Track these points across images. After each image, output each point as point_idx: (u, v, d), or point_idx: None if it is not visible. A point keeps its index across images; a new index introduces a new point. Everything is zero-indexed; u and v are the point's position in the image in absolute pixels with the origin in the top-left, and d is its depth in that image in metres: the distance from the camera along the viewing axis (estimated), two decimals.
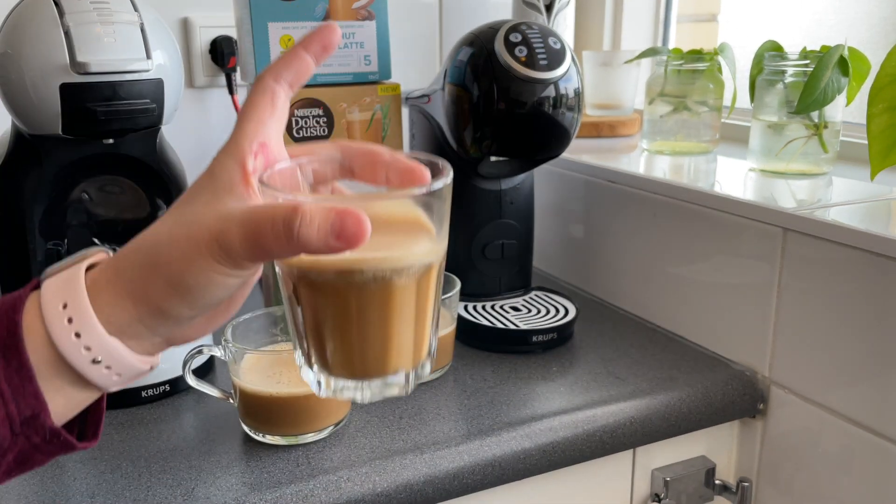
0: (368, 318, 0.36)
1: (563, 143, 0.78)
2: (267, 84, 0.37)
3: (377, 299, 0.36)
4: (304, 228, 0.31)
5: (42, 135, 0.65)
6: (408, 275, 0.36)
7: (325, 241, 0.31)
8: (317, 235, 0.31)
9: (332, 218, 0.31)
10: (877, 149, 0.69)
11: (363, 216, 0.31)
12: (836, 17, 0.99)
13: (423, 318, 0.39)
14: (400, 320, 0.37)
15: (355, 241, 0.31)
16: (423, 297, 0.38)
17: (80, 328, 0.34)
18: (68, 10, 0.62)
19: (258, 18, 0.75)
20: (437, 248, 0.38)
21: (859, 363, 0.66)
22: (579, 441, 0.66)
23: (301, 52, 0.38)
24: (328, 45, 0.38)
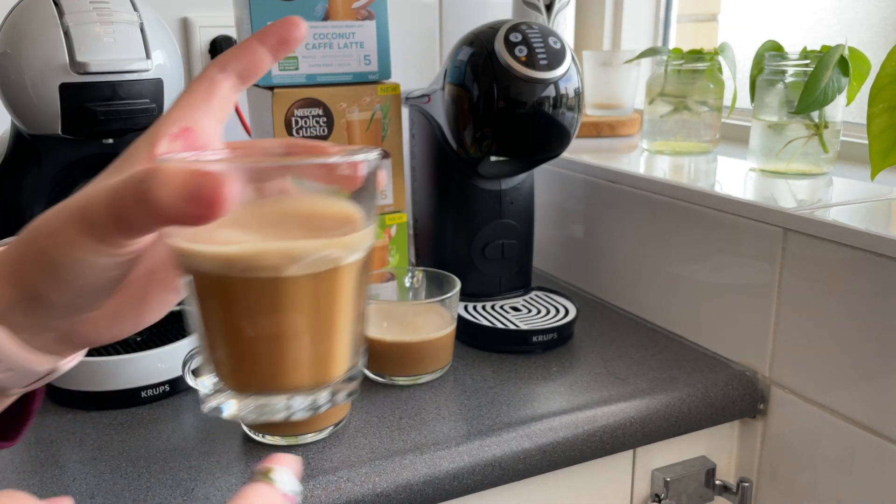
0: (258, 323, 0.31)
1: (563, 143, 0.78)
2: (208, 72, 0.35)
3: (266, 299, 0.31)
4: (157, 189, 0.27)
5: (41, 135, 0.65)
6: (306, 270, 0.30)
7: (177, 206, 0.27)
8: (169, 197, 0.27)
9: (190, 179, 0.26)
10: (877, 149, 0.69)
11: (227, 178, 0.26)
12: (837, 17, 0.99)
13: (331, 329, 0.32)
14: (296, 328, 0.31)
15: (212, 205, 0.26)
16: (332, 302, 0.32)
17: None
18: (68, 10, 0.62)
19: (258, 18, 0.75)
20: (350, 240, 0.31)
21: (860, 363, 0.66)
22: (579, 441, 0.66)
23: (254, 44, 0.35)
24: (287, 38, 0.35)
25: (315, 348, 0.32)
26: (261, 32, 0.35)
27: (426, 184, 0.89)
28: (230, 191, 0.26)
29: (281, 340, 0.32)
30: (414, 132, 0.91)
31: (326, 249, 0.31)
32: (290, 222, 0.31)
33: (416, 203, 0.92)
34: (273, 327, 0.31)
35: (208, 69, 0.35)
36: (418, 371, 0.73)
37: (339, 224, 0.32)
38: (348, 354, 0.34)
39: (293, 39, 0.35)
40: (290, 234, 0.31)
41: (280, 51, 0.35)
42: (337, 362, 0.33)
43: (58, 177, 0.68)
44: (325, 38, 0.78)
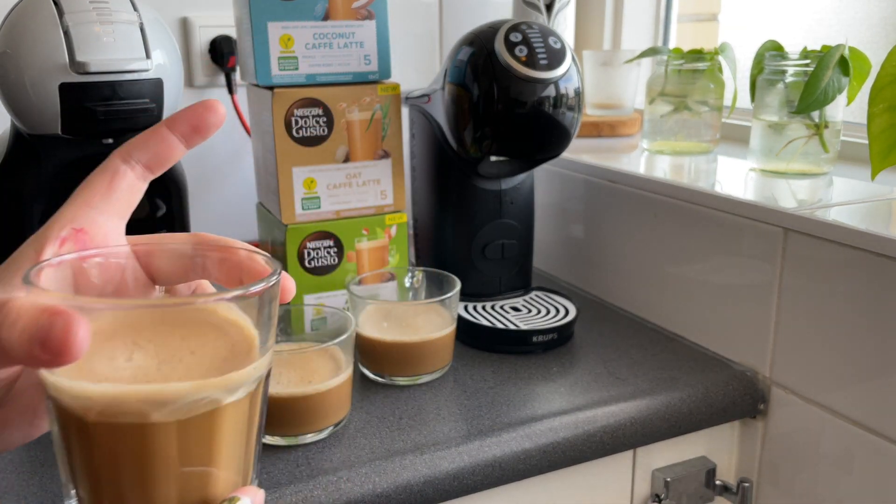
0: (121, 470, 0.27)
1: (564, 143, 0.78)
2: (111, 162, 0.32)
3: (130, 446, 0.27)
4: (5, 329, 0.24)
5: (41, 134, 0.65)
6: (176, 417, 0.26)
7: (27, 349, 0.24)
8: (18, 339, 0.24)
9: (41, 320, 0.24)
10: (877, 149, 0.69)
11: (77, 321, 0.23)
12: (837, 16, 0.99)
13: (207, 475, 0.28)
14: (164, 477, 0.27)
15: (62, 352, 0.23)
16: (209, 447, 0.28)
17: None
18: (67, 10, 0.62)
19: (258, 18, 0.75)
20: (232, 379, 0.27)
21: (860, 363, 0.66)
22: (580, 441, 0.66)
23: (163, 131, 0.32)
24: (200, 126, 0.32)
25: (186, 497, 0.28)
26: (172, 119, 0.32)
27: (426, 184, 0.89)
28: (80, 337, 0.23)
29: (144, 486, 0.28)
30: (414, 132, 0.91)
31: (202, 392, 0.26)
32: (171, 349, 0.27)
33: (416, 203, 0.92)
34: (137, 476, 0.27)
35: (112, 159, 0.32)
36: (418, 371, 0.73)
37: (232, 353, 0.28)
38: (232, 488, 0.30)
39: (207, 126, 0.33)
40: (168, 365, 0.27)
41: (193, 138, 0.33)
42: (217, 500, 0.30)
43: (58, 177, 0.68)
44: (325, 38, 0.78)
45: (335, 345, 0.64)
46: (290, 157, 0.77)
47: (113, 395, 0.26)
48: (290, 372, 0.63)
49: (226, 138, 1.07)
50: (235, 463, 0.29)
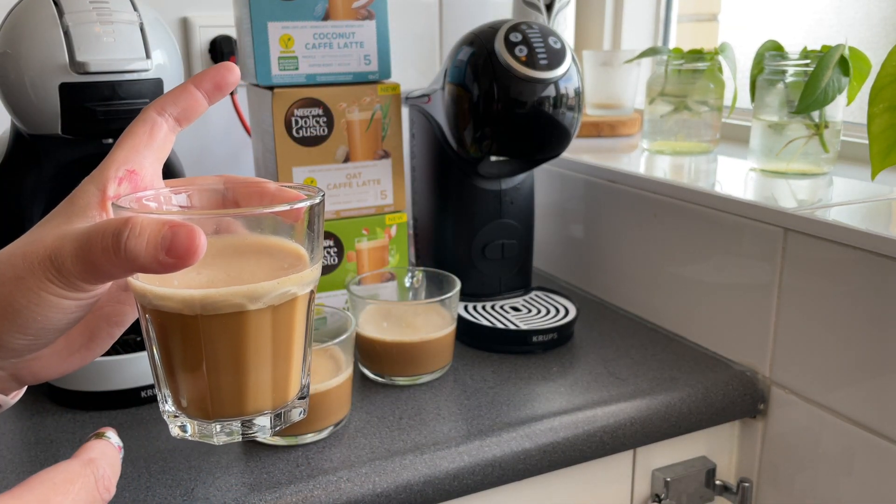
0: (221, 357, 0.33)
1: (563, 143, 0.78)
2: (148, 114, 0.36)
3: (228, 333, 0.33)
4: (132, 241, 0.29)
5: (41, 134, 0.65)
6: (264, 306, 0.33)
7: (153, 256, 0.29)
8: (145, 249, 0.29)
9: (164, 231, 0.29)
10: (877, 149, 0.69)
11: (197, 230, 0.29)
12: (837, 16, 0.99)
13: (286, 356, 0.35)
14: (256, 358, 0.34)
15: (187, 256, 0.28)
16: (285, 333, 0.34)
17: None
18: (67, 10, 0.62)
19: (258, 18, 0.75)
20: (301, 277, 0.34)
21: (860, 363, 0.66)
22: (579, 441, 0.66)
23: (190, 88, 0.37)
24: (221, 83, 0.37)
25: (274, 374, 0.35)
26: (196, 77, 0.37)
27: (426, 184, 0.89)
28: (201, 243, 0.29)
29: (242, 370, 0.34)
30: (414, 132, 0.91)
31: (283, 286, 0.33)
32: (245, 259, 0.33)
33: (416, 203, 0.92)
34: (234, 358, 0.33)
35: (147, 112, 0.37)
36: (418, 371, 0.73)
37: (292, 262, 0.34)
38: (301, 376, 0.37)
39: (226, 84, 0.37)
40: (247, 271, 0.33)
41: (215, 94, 0.37)
42: (293, 384, 0.36)
43: (58, 177, 0.68)
44: (325, 38, 0.78)
45: (335, 345, 0.64)
46: (290, 157, 0.77)
47: (219, 294, 0.32)
48: None
49: (226, 138, 1.07)
50: (302, 353, 0.36)
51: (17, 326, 0.32)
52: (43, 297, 0.31)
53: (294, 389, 0.37)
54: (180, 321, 0.33)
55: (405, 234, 0.85)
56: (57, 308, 0.31)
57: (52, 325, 0.32)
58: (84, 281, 0.31)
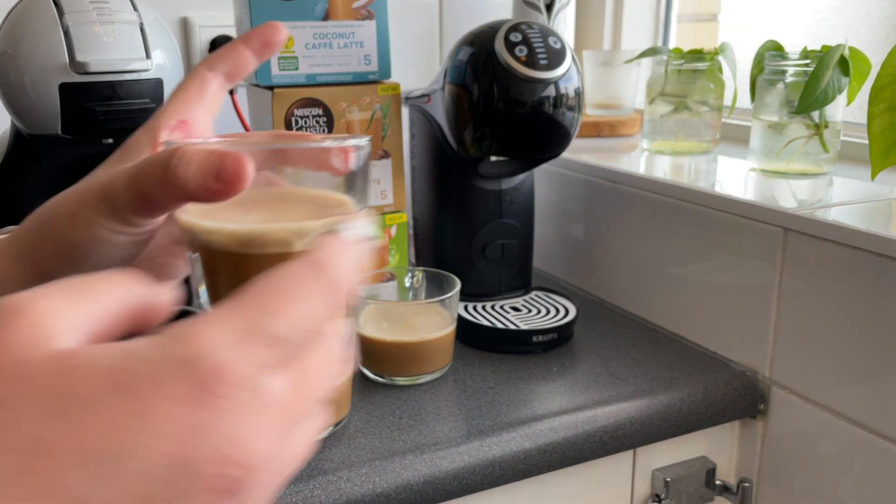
0: None
1: (564, 143, 0.78)
2: (199, 71, 0.37)
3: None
4: (182, 167, 0.29)
5: (41, 134, 0.65)
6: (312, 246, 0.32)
7: (202, 182, 0.29)
8: (193, 175, 0.29)
9: (213, 158, 0.29)
10: (877, 149, 0.69)
11: (245, 157, 0.29)
12: (837, 16, 0.99)
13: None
14: None
15: (234, 182, 0.29)
16: None
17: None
18: (68, 10, 0.62)
19: (258, 18, 0.75)
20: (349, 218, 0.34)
21: (860, 363, 0.66)
22: (579, 441, 0.66)
23: (239, 46, 0.38)
24: (269, 41, 0.38)
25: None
26: (245, 35, 0.38)
27: (426, 184, 0.89)
28: (249, 168, 0.29)
29: None
30: (414, 132, 0.91)
31: (329, 226, 0.33)
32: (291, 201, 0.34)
33: (416, 203, 0.92)
34: None
35: (198, 68, 0.38)
36: (418, 371, 0.73)
37: (337, 204, 0.34)
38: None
39: (275, 42, 0.38)
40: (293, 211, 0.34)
41: (263, 53, 0.38)
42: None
43: (58, 177, 0.68)
44: (325, 38, 0.78)
45: None
46: None
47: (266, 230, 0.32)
48: None
49: None
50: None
51: (72, 263, 0.32)
52: (96, 232, 0.32)
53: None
54: (227, 258, 0.33)
55: (405, 234, 0.85)
56: (109, 244, 0.32)
57: (104, 263, 0.33)
58: (135, 213, 0.31)
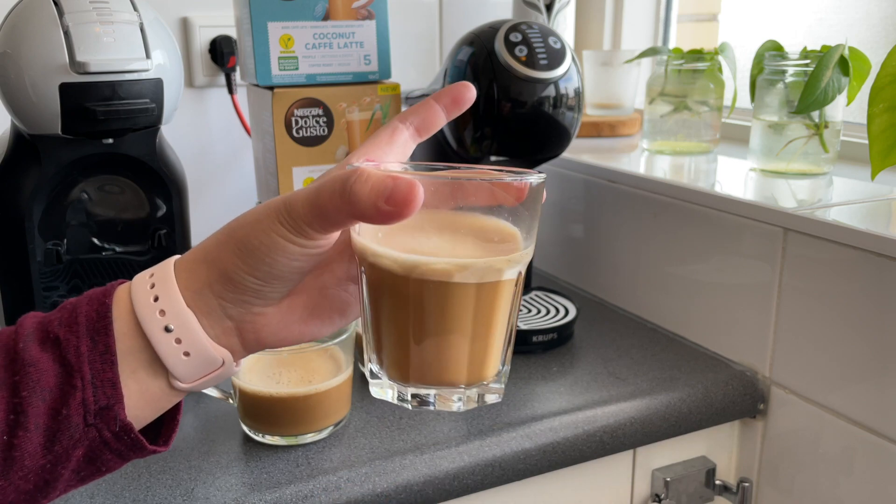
0: (423, 320, 0.35)
1: (564, 143, 0.78)
2: (392, 122, 0.40)
3: (432, 300, 0.35)
4: (359, 184, 0.32)
5: (41, 134, 0.65)
6: (470, 280, 0.34)
7: (374, 202, 0.31)
8: (368, 194, 0.31)
9: (387, 181, 0.31)
10: (877, 149, 0.69)
11: (417, 185, 0.31)
12: (837, 16, 0.99)
13: (485, 334, 0.36)
14: (455, 330, 0.35)
15: (405, 205, 0.31)
16: (487, 310, 0.35)
17: (159, 292, 0.36)
18: (68, 10, 0.62)
19: (258, 18, 0.75)
20: (510, 258, 0.35)
21: (860, 363, 0.66)
22: (579, 441, 0.66)
23: (431, 102, 0.41)
24: (459, 99, 0.40)
25: (471, 350, 0.36)
26: (438, 93, 0.41)
27: None
28: (419, 196, 0.31)
29: (441, 339, 0.35)
30: None
31: (494, 265, 0.35)
32: (460, 233, 0.35)
33: None
34: (435, 326, 0.35)
35: (392, 120, 0.41)
36: None
37: (503, 240, 0.35)
38: (499, 358, 0.38)
39: (465, 100, 0.41)
40: (459, 244, 0.35)
41: (453, 110, 0.41)
42: (489, 364, 0.37)
43: (57, 176, 0.68)
44: (325, 38, 0.78)
45: (335, 345, 0.64)
46: (290, 157, 0.77)
47: (427, 261, 0.34)
48: (291, 372, 0.63)
49: (225, 138, 1.07)
50: (503, 333, 0.37)
51: (249, 266, 0.35)
52: (273, 238, 0.34)
53: (491, 371, 0.37)
54: (391, 279, 0.35)
55: None
56: (283, 251, 0.35)
57: (278, 270, 0.35)
58: (309, 225, 0.34)
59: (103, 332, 0.35)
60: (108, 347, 0.35)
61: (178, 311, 0.35)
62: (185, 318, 0.36)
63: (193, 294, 0.36)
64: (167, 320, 0.35)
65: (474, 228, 0.35)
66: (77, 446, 0.35)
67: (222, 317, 0.37)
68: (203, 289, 0.36)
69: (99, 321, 0.35)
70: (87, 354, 0.35)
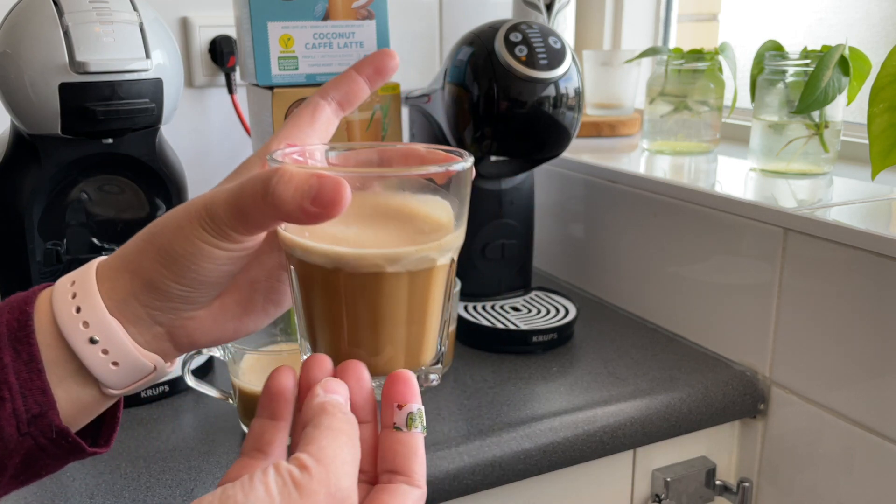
0: (357, 312, 0.34)
1: (564, 143, 0.78)
2: (312, 99, 0.38)
3: (364, 292, 0.34)
4: (281, 186, 0.30)
5: (41, 134, 0.65)
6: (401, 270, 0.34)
7: (299, 204, 0.30)
8: (292, 196, 0.30)
9: (311, 181, 0.30)
10: (877, 149, 0.69)
11: (343, 183, 0.30)
12: (837, 16, 0.99)
13: (421, 320, 0.36)
14: (390, 318, 0.35)
15: (331, 206, 0.30)
16: (421, 298, 0.35)
17: (81, 303, 0.34)
18: (67, 10, 0.62)
19: (257, 18, 0.75)
20: (441, 245, 0.35)
21: (859, 363, 0.66)
22: (579, 441, 0.66)
23: (352, 73, 0.39)
24: (382, 68, 0.39)
25: (408, 337, 0.36)
26: (358, 63, 0.39)
27: None
28: (346, 195, 0.30)
29: (376, 329, 0.35)
30: (414, 132, 0.91)
31: (424, 252, 0.34)
32: (389, 221, 0.35)
33: None
34: (369, 316, 0.35)
35: (312, 97, 0.39)
36: None
37: (433, 227, 0.35)
38: (436, 343, 0.38)
39: (387, 69, 0.39)
40: (389, 234, 0.35)
41: (376, 79, 0.39)
42: (427, 350, 0.37)
43: (57, 176, 0.68)
44: (324, 38, 0.78)
45: None
46: None
47: (360, 254, 0.33)
48: None
49: (225, 138, 1.07)
50: (438, 318, 0.37)
51: (174, 274, 0.34)
52: (196, 245, 0.33)
53: (428, 355, 0.37)
54: (321, 274, 0.34)
55: None
56: (209, 257, 0.33)
57: (205, 276, 0.34)
58: (233, 229, 0.32)
59: (25, 342, 0.33)
60: (32, 356, 0.33)
61: (102, 322, 0.34)
62: (111, 329, 0.34)
63: (118, 304, 0.34)
64: (91, 332, 0.34)
65: (403, 217, 0.35)
66: (12, 455, 0.34)
67: (151, 324, 0.35)
68: (128, 298, 0.34)
69: (20, 330, 0.34)
70: (11, 364, 0.33)
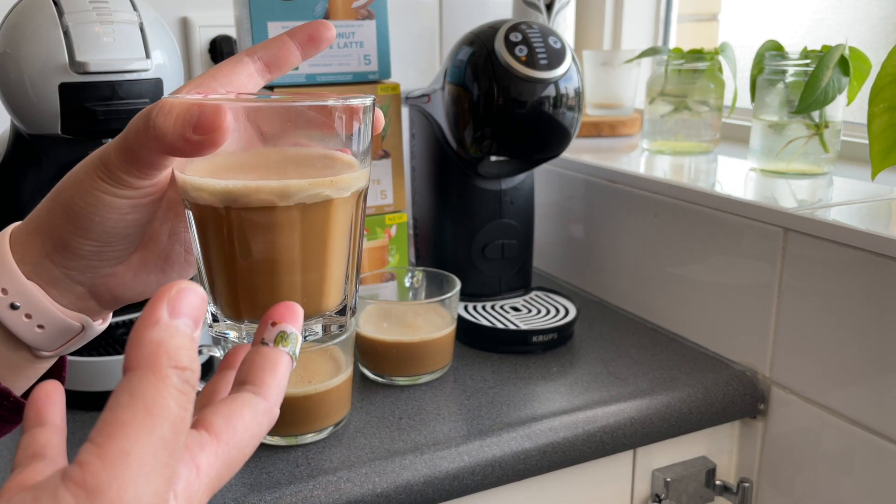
0: (251, 252, 0.33)
1: (564, 143, 0.78)
2: (237, 55, 0.37)
3: (257, 229, 0.33)
4: (161, 117, 0.30)
5: (41, 134, 0.65)
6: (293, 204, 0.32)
7: (181, 133, 0.29)
8: (172, 125, 0.29)
9: (192, 109, 0.29)
10: (877, 149, 0.69)
11: (224, 109, 0.29)
12: (837, 16, 0.99)
13: (319, 262, 0.34)
14: (285, 258, 0.33)
15: (212, 132, 0.29)
16: (319, 236, 0.34)
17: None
18: (67, 10, 0.62)
19: (257, 18, 0.75)
20: (336, 181, 0.33)
21: (860, 363, 0.66)
22: (579, 441, 0.66)
23: (284, 37, 0.37)
24: (315, 36, 0.37)
25: (306, 279, 0.34)
26: (292, 30, 0.38)
27: (426, 184, 0.89)
28: (227, 121, 0.29)
29: (273, 269, 0.34)
30: (414, 132, 0.91)
31: (317, 187, 0.33)
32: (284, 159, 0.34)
33: (416, 203, 0.92)
34: (263, 256, 0.33)
35: (238, 54, 0.38)
36: (418, 371, 0.73)
37: (329, 163, 0.34)
38: (340, 288, 0.36)
39: (322, 38, 0.37)
40: (284, 171, 0.33)
41: (308, 47, 0.38)
42: (328, 295, 0.35)
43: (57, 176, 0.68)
44: None
45: (335, 345, 0.64)
46: None
47: (249, 187, 0.32)
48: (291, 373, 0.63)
49: None
50: (342, 262, 0.35)
51: (80, 229, 0.33)
52: (96, 196, 0.32)
53: (332, 301, 0.36)
54: (213, 213, 0.33)
55: (405, 234, 0.85)
56: (111, 207, 0.33)
57: (111, 228, 0.33)
58: (126, 172, 0.32)
59: None
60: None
61: (20, 287, 0.33)
62: (29, 293, 0.34)
63: (34, 267, 0.34)
64: (11, 298, 0.33)
65: (299, 154, 0.34)
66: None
67: (71, 284, 0.35)
68: (42, 261, 0.34)
69: None
70: None
